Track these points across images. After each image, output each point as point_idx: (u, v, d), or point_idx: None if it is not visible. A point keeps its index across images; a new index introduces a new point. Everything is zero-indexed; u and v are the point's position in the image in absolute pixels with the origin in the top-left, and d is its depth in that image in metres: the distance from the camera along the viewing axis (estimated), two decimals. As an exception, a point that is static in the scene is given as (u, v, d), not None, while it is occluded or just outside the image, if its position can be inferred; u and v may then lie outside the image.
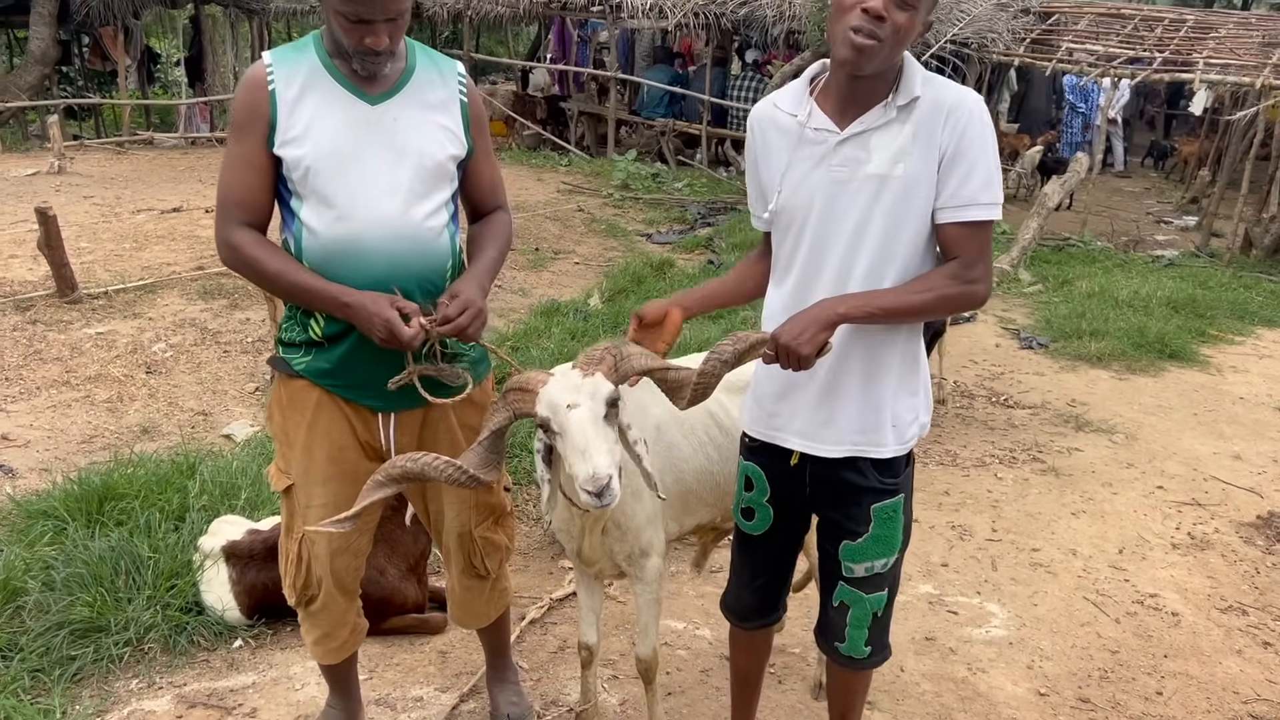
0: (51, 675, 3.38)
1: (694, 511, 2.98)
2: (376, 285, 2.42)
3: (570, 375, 2.28)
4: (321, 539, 2.68)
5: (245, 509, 4.36)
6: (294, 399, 2.60)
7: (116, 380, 6.22)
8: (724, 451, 2.95)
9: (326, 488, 2.64)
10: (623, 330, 8.06)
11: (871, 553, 2.50)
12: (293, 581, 2.79)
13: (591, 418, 2.21)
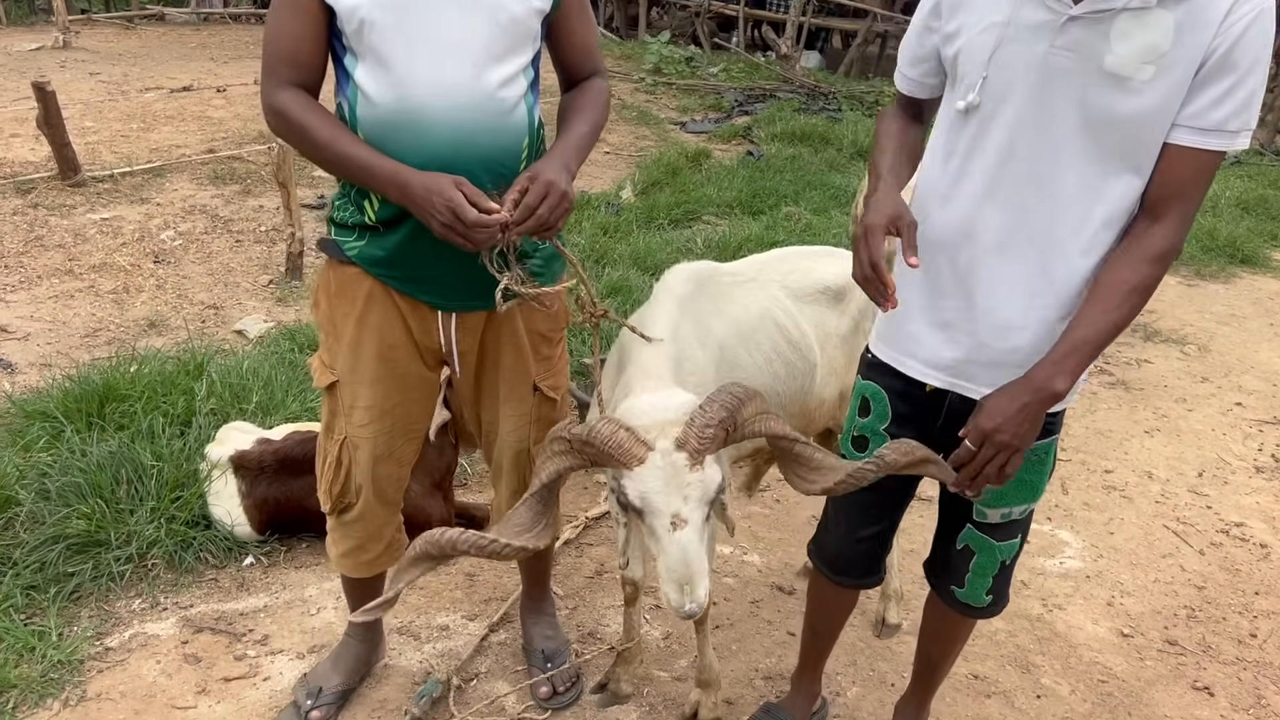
0: (47, 593, 3.11)
1: (753, 434, 2.62)
2: (436, 165, 2.03)
3: (673, 459, 1.82)
4: (365, 443, 2.40)
5: (257, 414, 4.03)
6: (343, 288, 2.31)
7: (122, 270, 5.86)
8: (792, 369, 2.57)
9: (374, 389, 2.35)
10: (657, 226, 7.64)
11: (1012, 498, 2.13)
12: (329, 487, 2.50)
13: (698, 537, 1.83)
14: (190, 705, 2.75)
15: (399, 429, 2.44)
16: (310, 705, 2.67)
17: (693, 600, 1.83)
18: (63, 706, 2.73)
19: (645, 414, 1.92)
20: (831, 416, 2.85)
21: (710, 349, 2.40)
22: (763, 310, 2.57)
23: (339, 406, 2.42)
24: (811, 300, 2.69)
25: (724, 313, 2.49)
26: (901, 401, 2.13)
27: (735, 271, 2.64)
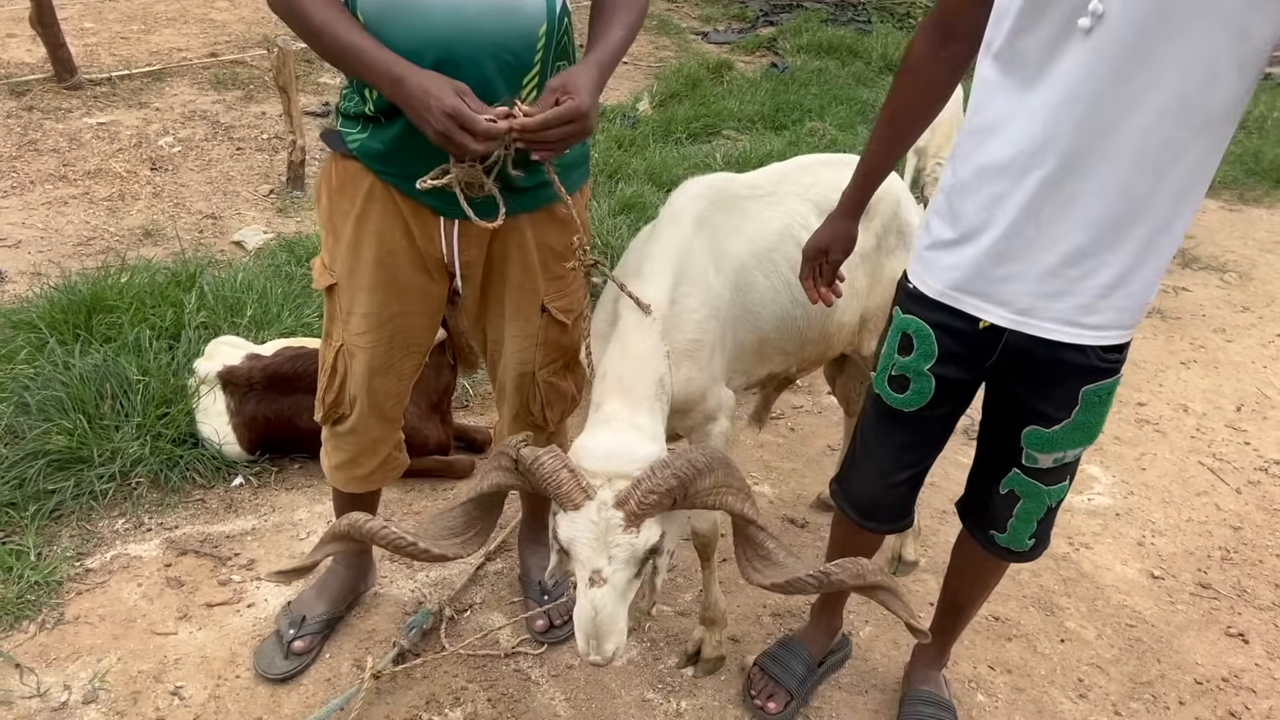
0: (26, 511, 2.98)
1: (769, 360, 2.42)
2: (435, 51, 1.84)
3: (608, 515, 1.72)
4: (362, 353, 2.26)
5: (250, 328, 3.85)
6: (344, 183, 2.14)
7: (118, 177, 5.65)
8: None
9: (371, 296, 2.19)
10: (675, 140, 7.33)
11: (1067, 441, 1.92)
12: (323, 395, 2.38)
13: (615, 599, 1.74)
14: (170, 631, 2.63)
15: (398, 341, 2.27)
16: (293, 635, 2.54)
17: (598, 655, 1.76)
18: (39, 629, 2.61)
19: (598, 459, 1.80)
20: (850, 341, 2.64)
21: (726, 273, 2.19)
22: (782, 227, 2.35)
23: (337, 311, 2.27)
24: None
25: (740, 231, 2.27)
26: (951, 339, 1.90)
27: (753, 184, 2.41)
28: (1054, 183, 1.67)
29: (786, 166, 2.53)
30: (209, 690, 2.44)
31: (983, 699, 2.59)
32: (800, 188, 2.43)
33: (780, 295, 2.31)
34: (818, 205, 2.41)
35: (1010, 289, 1.77)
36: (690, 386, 2.14)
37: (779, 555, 1.78)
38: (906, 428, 2.05)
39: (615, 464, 1.78)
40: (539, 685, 2.53)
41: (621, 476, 1.75)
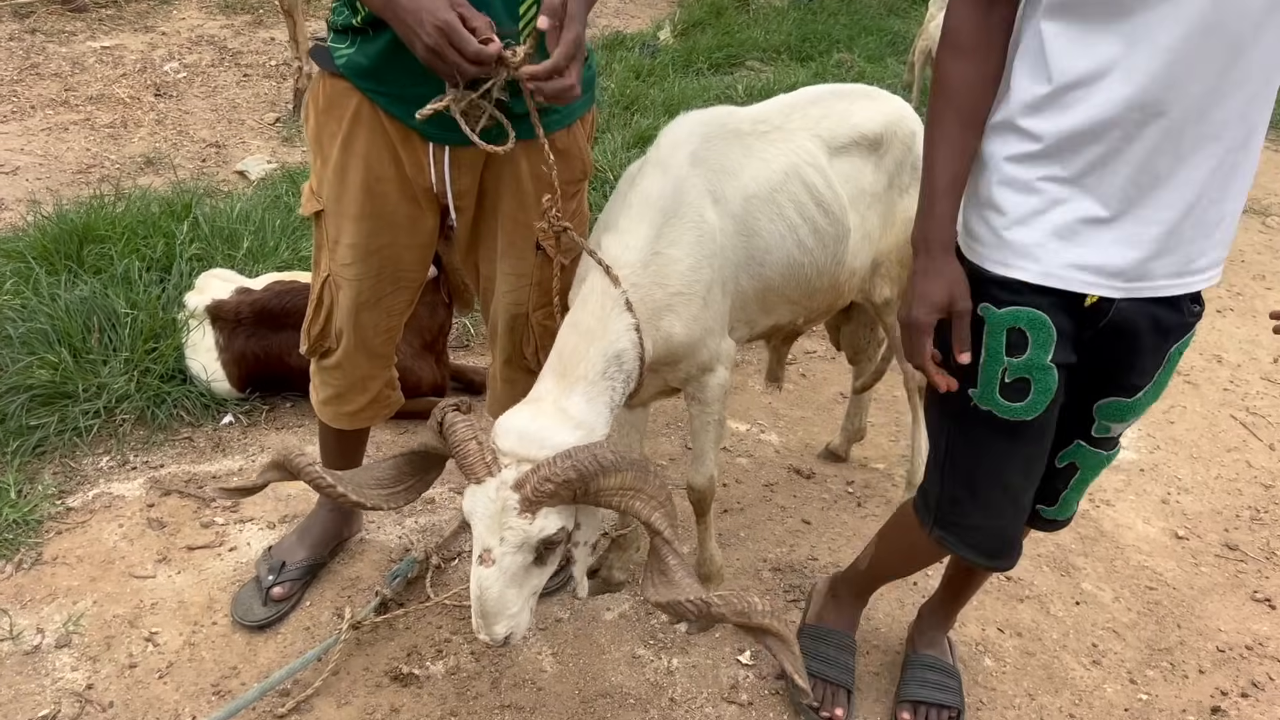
0: (8, 447, 2.90)
1: (773, 310, 2.25)
2: None
3: (504, 495, 1.65)
4: (348, 285, 2.15)
5: (245, 261, 3.74)
6: (331, 103, 2.00)
7: (121, 102, 5.51)
8: (821, 236, 2.18)
9: (358, 226, 2.07)
10: (695, 71, 7.08)
11: (1142, 406, 1.76)
12: (308, 326, 2.27)
13: (502, 581, 1.68)
14: (149, 574, 2.55)
15: (387, 274, 2.15)
16: (272, 581, 2.45)
17: (485, 633, 1.72)
18: (15, 569, 2.54)
19: (510, 439, 1.75)
20: (861, 289, 2.47)
21: (725, 217, 2.02)
22: (789, 166, 2.15)
23: (324, 239, 2.16)
24: (846, 152, 2.27)
25: (742, 170, 2.09)
26: (1062, 318, 1.64)
27: (758, 118, 2.21)
28: (1175, 132, 1.46)
29: (795, 98, 2.33)
30: (184, 636, 2.37)
31: (990, 663, 2.47)
32: (809, 121, 2.24)
33: (785, 240, 2.13)
34: (826, 142, 2.22)
35: (1122, 255, 1.56)
36: (673, 342, 1.99)
37: (677, 574, 1.68)
38: (1031, 438, 1.75)
39: (524, 446, 1.72)
40: (525, 638, 2.43)
41: (529, 460, 1.69)
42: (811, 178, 2.15)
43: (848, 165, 2.25)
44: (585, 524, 1.79)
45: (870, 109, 2.33)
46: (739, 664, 2.40)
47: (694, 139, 2.03)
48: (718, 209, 2.00)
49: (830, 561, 2.76)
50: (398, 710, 2.21)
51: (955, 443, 1.82)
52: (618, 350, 1.88)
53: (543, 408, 1.82)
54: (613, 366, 1.88)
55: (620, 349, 1.89)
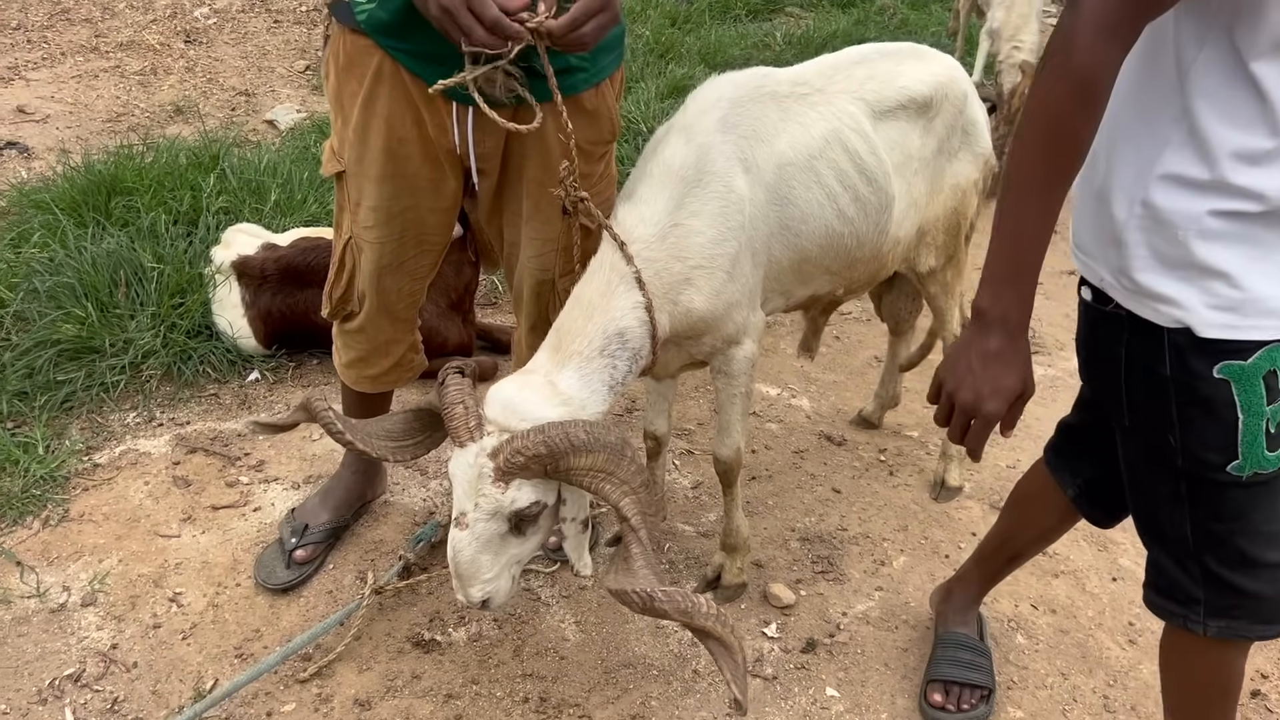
0: (36, 401, 2.90)
1: (810, 281, 2.17)
2: None
3: (481, 463, 1.67)
4: (370, 248, 2.10)
5: (273, 215, 3.70)
6: (352, 60, 1.93)
7: (151, 49, 5.46)
8: (864, 206, 2.08)
9: (380, 188, 2.01)
10: (733, 17, 6.90)
11: None
12: (330, 289, 2.24)
13: (475, 545, 1.71)
14: (174, 534, 2.55)
15: (409, 237, 2.10)
16: (296, 543, 2.44)
17: (461, 594, 1.76)
18: (42, 526, 2.55)
19: (495, 407, 1.75)
20: (905, 258, 2.38)
21: (758, 186, 1.93)
22: (830, 131, 2.04)
23: (346, 200, 2.11)
24: (892, 116, 2.15)
25: (778, 135, 1.98)
26: None
27: (797, 79, 2.09)
28: None
29: (837, 58, 2.21)
30: (208, 598, 2.36)
31: (1022, 640, 2.41)
32: (853, 84, 2.12)
33: (824, 209, 2.04)
34: (871, 105, 2.11)
35: None
36: (694, 316, 1.92)
37: (637, 563, 1.66)
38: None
39: (506, 416, 1.72)
40: (548, 606, 2.41)
41: (508, 430, 1.69)
42: (854, 143, 2.05)
43: (894, 130, 2.15)
44: (571, 501, 1.79)
45: (919, 70, 2.21)
46: (764, 636, 2.36)
47: (724, 103, 1.94)
48: (748, 177, 1.91)
49: (860, 532, 2.70)
50: (419, 676, 2.20)
51: (1208, 524, 1.57)
52: (620, 329, 1.84)
53: (532, 380, 1.81)
54: (614, 344, 1.83)
55: (623, 327, 1.84)
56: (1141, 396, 1.54)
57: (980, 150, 2.37)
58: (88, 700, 2.09)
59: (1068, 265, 4.35)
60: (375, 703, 2.12)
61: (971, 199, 2.40)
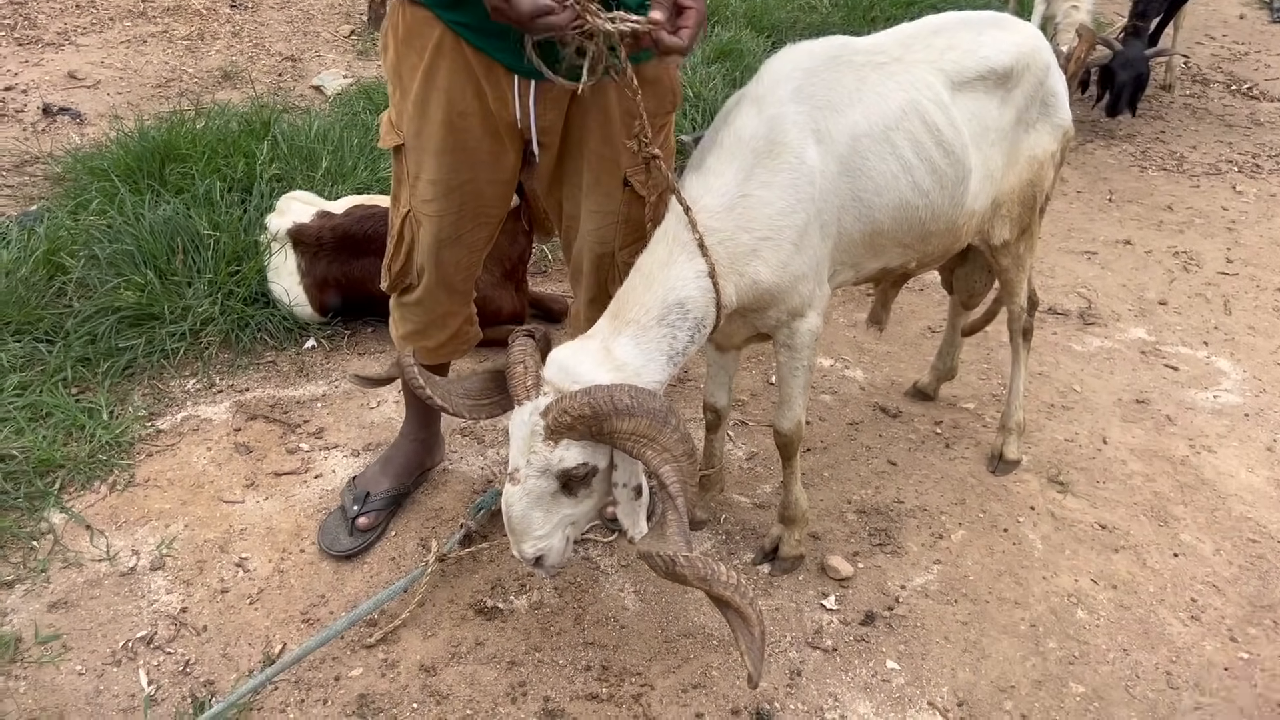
0: (99, 368, 2.94)
1: (882, 254, 2.14)
2: None
3: (534, 420, 1.72)
4: (429, 221, 2.11)
5: (325, 181, 3.71)
6: (412, 32, 1.94)
7: (198, 14, 5.47)
8: (940, 178, 2.05)
9: (439, 161, 2.02)
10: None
11: None
12: (389, 263, 2.26)
13: (526, 501, 1.76)
14: (238, 500, 2.59)
15: (468, 211, 2.11)
16: (358, 511, 2.47)
17: (515, 549, 1.82)
18: (109, 490, 2.59)
19: (553, 369, 1.80)
20: (980, 230, 2.35)
21: (829, 157, 1.90)
22: (907, 102, 2.01)
23: (404, 173, 2.12)
24: (971, 87, 2.10)
25: (853, 105, 1.95)
26: None
27: (874, 48, 2.06)
28: None
29: (916, 27, 2.16)
30: (274, 564, 2.40)
31: (1083, 615, 2.40)
32: (933, 53, 2.08)
33: (899, 181, 2.01)
34: (949, 76, 2.07)
35: None
36: (760, 288, 1.91)
37: (670, 529, 1.69)
38: None
39: (560, 378, 1.77)
40: (607, 575, 2.43)
41: (561, 392, 1.74)
42: (932, 114, 2.01)
43: (972, 101, 2.11)
44: (623, 467, 1.81)
45: (1001, 39, 2.17)
46: (823, 608, 2.36)
47: (799, 72, 1.91)
48: (821, 148, 1.89)
49: (917, 505, 2.69)
50: (482, 643, 2.22)
51: None
52: (680, 298, 1.83)
53: (589, 345, 1.84)
54: (674, 314, 1.83)
55: (684, 296, 1.83)
56: None
57: (1059, 121, 2.32)
58: (160, 662, 2.14)
59: (1123, 234, 4.28)
60: (440, 669, 2.15)
61: (1048, 171, 2.36)
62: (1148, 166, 4.91)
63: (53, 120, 4.34)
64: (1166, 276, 3.92)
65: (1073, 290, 3.82)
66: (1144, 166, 4.93)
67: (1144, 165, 4.94)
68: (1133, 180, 4.79)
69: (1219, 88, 5.74)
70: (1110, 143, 5.20)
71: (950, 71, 2.07)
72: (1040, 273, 3.82)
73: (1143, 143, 5.20)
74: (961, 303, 2.88)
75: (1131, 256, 4.09)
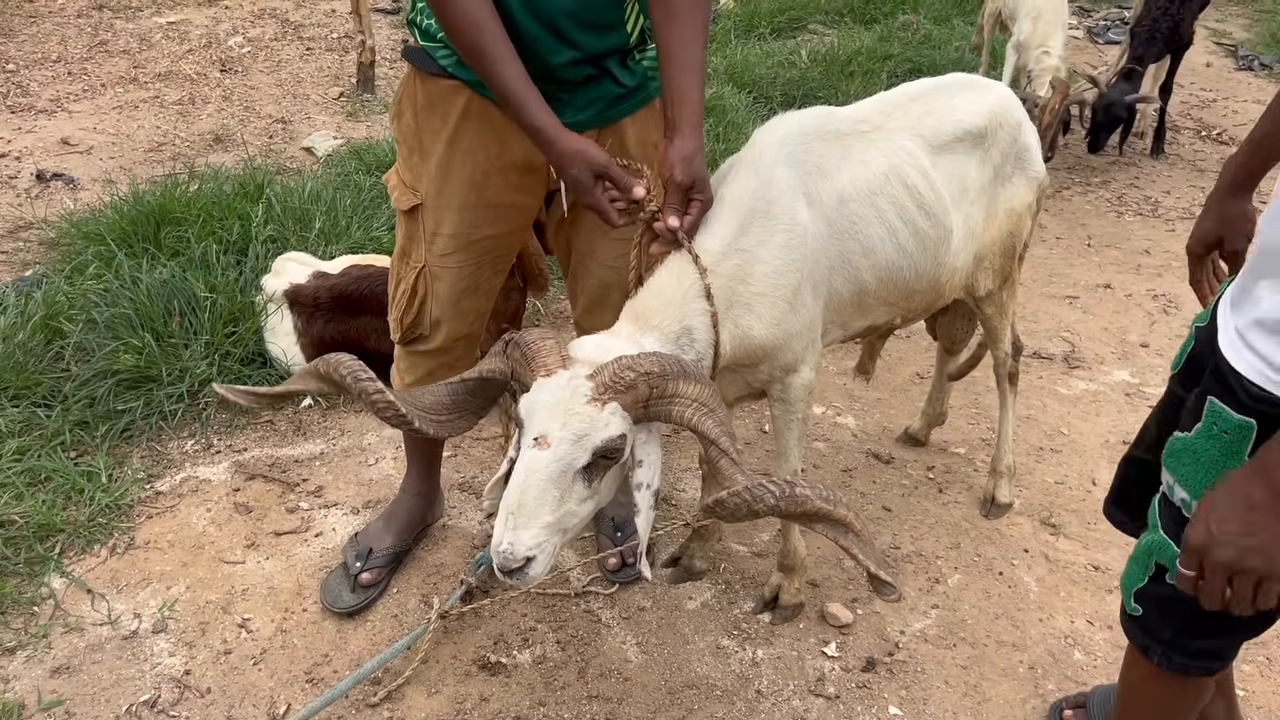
0: (97, 430, 2.96)
1: (869, 313, 2.21)
2: (542, 19, 1.87)
3: (576, 384, 1.64)
4: (448, 273, 2.17)
5: (319, 241, 3.76)
6: (435, 102, 2.04)
7: (188, 79, 5.55)
8: (922, 239, 2.13)
9: (460, 217, 2.10)
10: (758, 36, 6.95)
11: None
12: (400, 315, 2.28)
13: (551, 471, 1.60)
14: (239, 560, 2.60)
15: (487, 260, 2.20)
16: (360, 567, 2.48)
17: (511, 538, 1.59)
18: (110, 554, 2.60)
19: (586, 349, 1.75)
20: (964, 285, 2.42)
21: (819, 220, 1.97)
22: (889, 168, 2.10)
23: (419, 232, 2.17)
24: (949, 149, 2.19)
25: (839, 171, 2.03)
26: None
27: (857, 117, 2.15)
28: None
29: (895, 95, 2.26)
30: (276, 623, 2.41)
31: (1080, 656, 2.43)
32: (911, 119, 2.17)
33: (884, 244, 2.08)
34: (928, 140, 2.16)
35: None
36: (753, 343, 1.96)
37: (728, 471, 1.63)
38: None
39: (599, 354, 1.71)
40: (609, 628, 2.44)
41: (601, 366, 1.67)
42: (913, 179, 2.09)
43: (951, 163, 2.19)
44: (646, 460, 1.73)
45: (973, 101, 2.26)
46: (824, 656, 2.38)
47: (790, 139, 1.99)
48: (811, 211, 1.96)
49: (913, 550, 2.73)
50: (487, 699, 2.23)
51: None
52: (689, 325, 1.87)
53: (619, 336, 1.83)
54: (684, 338, 1.86)
55: (692, 325, 1.87)
56: None
57: (1034, 174, 2.41)
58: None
59: (1103, 278, 4.37)
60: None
61: (1026, 221, 2.44)
62: (1124, 212, 5.02)
63: (46, 186, 4.39)
64: (1147, 319, 4.00)
65: (1056, 334, 3.90)
66: (1120, 212, 5.04)
67: (1120, 210, 5.05)
68: (1110, 225, 4.90)
69: (1189, 134, 5.90)
70: (1087, 189, 5.32)
71: (929, 136, 2.15)
72: (1023, 318, 3.90)
73: (1118, 189, 5.32)
74: (946, 349, 2.94)
75: (1112, 300, 4.17)
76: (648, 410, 1.65)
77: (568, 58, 1.91)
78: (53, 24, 6.04)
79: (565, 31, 1.88)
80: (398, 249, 2.26)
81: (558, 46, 1.89)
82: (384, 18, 6.53)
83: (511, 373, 1.78)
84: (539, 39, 1.88)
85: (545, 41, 1.88)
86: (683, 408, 1.65)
